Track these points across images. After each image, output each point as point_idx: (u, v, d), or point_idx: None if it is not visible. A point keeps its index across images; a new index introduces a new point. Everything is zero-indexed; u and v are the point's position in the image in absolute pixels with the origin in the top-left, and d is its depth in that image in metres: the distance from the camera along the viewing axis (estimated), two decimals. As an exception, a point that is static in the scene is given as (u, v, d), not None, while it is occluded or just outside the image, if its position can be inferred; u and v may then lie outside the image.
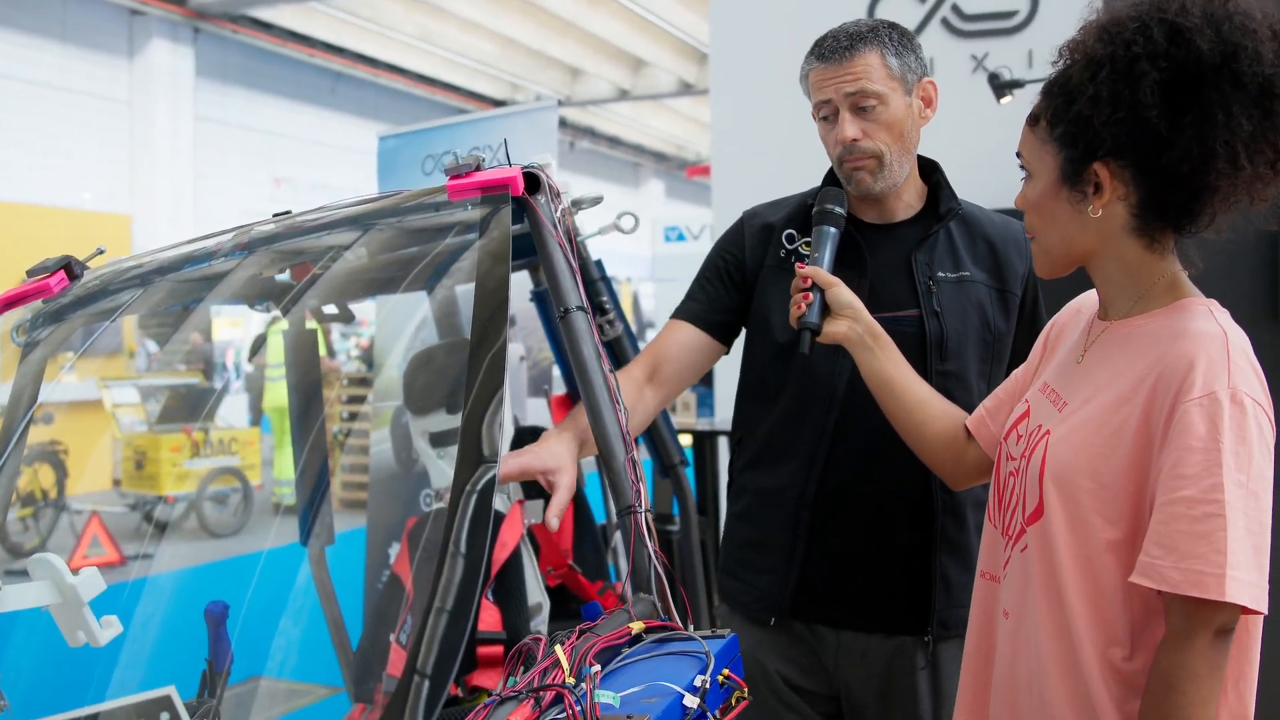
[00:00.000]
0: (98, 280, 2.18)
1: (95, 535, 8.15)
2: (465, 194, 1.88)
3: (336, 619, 2.97)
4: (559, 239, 1.92)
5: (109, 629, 2.01)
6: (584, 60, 24.00)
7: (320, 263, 2.31)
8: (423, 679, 1.44)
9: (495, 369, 1.63)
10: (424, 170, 4.48)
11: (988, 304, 2.26)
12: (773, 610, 2.33)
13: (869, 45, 2.20)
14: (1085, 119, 1.62)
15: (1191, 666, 1.50)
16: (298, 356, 2.80)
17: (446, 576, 1.50)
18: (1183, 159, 1.57)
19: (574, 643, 1.55)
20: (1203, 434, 1.52)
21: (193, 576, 6.66)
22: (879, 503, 2.26)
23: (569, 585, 2.88)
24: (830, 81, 2.20)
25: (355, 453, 9.78)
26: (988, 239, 2.30)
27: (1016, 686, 1.76)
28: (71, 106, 18.17)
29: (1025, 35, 6.20)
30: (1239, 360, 1.57)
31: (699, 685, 1.50)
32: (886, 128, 2.20)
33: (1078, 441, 1.67)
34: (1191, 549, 1.49)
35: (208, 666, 2.31)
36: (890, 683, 2.27)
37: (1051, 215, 1.73)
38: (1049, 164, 1.71)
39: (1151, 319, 1.68)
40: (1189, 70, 1.55)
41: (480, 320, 1.69)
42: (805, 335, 2.03)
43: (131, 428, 9.70)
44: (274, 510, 10.69)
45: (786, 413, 2.33)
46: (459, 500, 1.54)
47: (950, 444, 2.04)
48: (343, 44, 21.87)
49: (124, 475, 9.77)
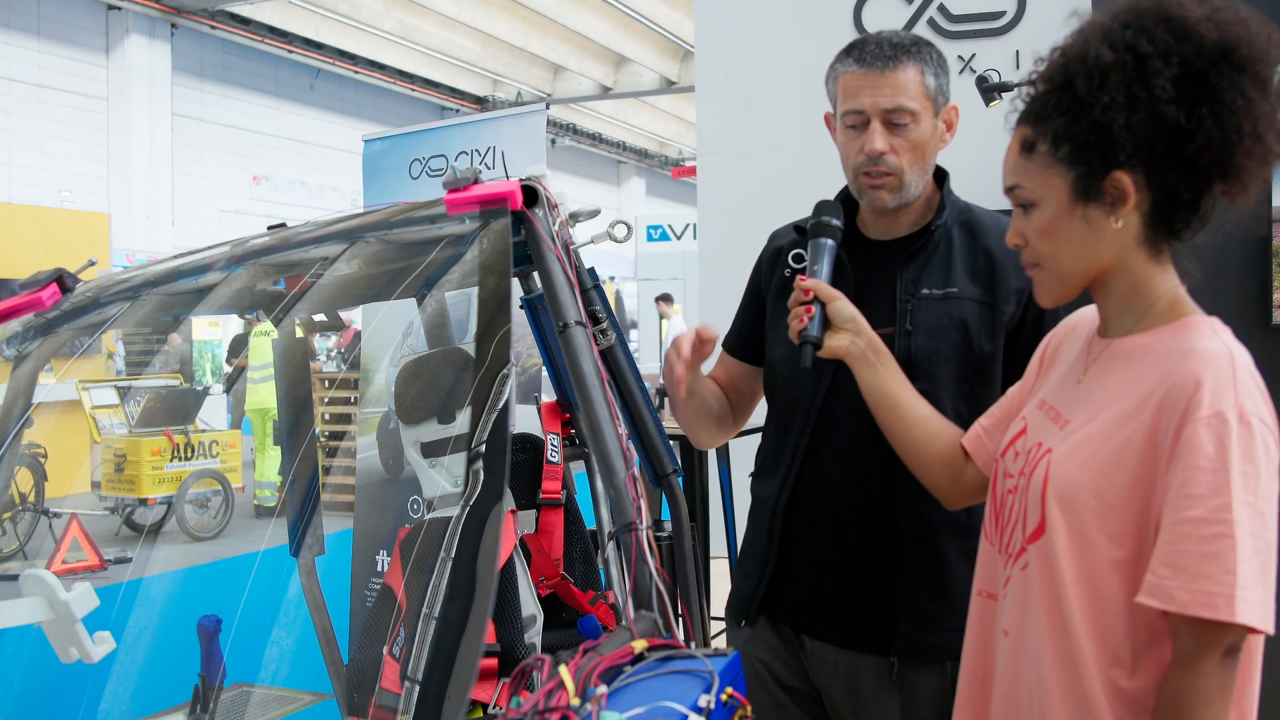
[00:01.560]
0: (90, 292, 2.16)
1: (75, 539, 8.09)
2: (463, 208, 1.87)
3: (327, 630, 2.95)
4: (557, 252, 1.91)
5: (102, 645, 2.00)
6: (566, 57, 24.00)
7: (311, 273, 2.30)
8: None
9: (495, 383, 1.62)
10: (411, 174, 4.45)
11: (973, 322, 2.21)
12: (744, 613, 2.38)
13: (912, 60, 2.16)
14: (1103, 127, 1.61)
15: (1202, 688, 1.50)
16: (289, 367, 2.78)
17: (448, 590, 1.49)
18: (1205, 148, 1.58)
19: (578, 663, 1.54)
20: (1210, 453, 1.52)
21: (175, 582, 6.63)
22: (844, 519, 2.26)
23: (560, 595, 2.86)
24: (868, 91, 2.16)
25: (340, 455, 9.74)
26: (988, 252, 2.25)
27: (1017, 706, 1.75)
28: (47, 103, 18.06)
29: (1013, 36, 6.21)
30: (1245, 379, 1.57)
31: (704, 705, 1.49)
32: (913, 147, 2.17)
33: (1081, 459, 1.67)
34: (1200, 569, 1.49)
35: (200, 682, 2.30)
36: (860, 701, 2.27)
37: (1066, 238, 1.71)
38: (1057, 185, 1.69)
39: (1155, 337, 1.68)
40: (1197, 62, 1.57)
41: (481, 334, 1.68)
42: (807, 349, 2.01)
43: (111, 430, 9.64)
44: (255, 513, 10.64)
45: (777, 427, 2.37)
46: (463, 515, 1.52)
47: (948, 463, 2.03)
48: (322, 40, 21.80)
49: (104, 478, 9.69)
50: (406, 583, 2.80)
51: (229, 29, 20.26)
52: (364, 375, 3.93)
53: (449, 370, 2.57)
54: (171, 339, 13.75)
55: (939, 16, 6.33)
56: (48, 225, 12.41)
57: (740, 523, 5.37)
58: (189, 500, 9.54)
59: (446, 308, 2.96)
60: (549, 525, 2.75)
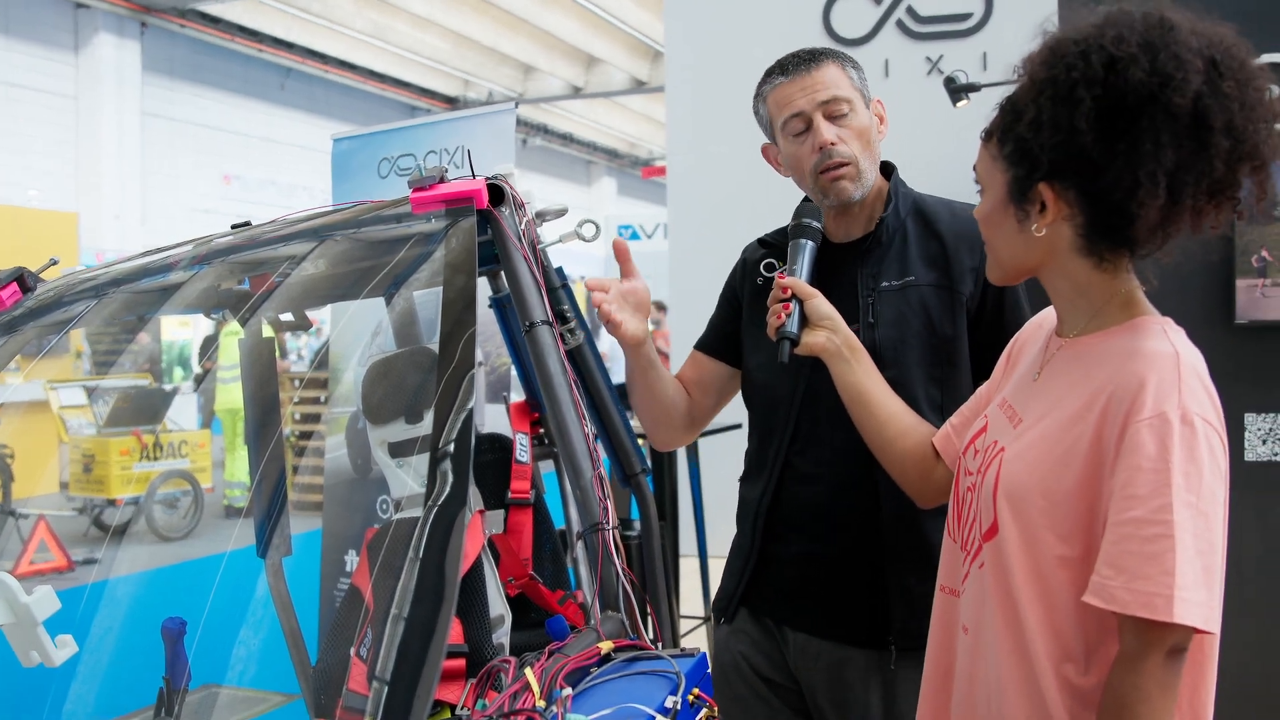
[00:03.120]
0: (51, 292, 2.14)
1: (43, 540, 8.02)
2: (429, 207, 1.86)
3: (295, 632, 2.93)
4: (524, 251, 1.90)
5: (64, 649, 1.98)
6: (537, 57, 23.96)
7: (278, 272, 2.28)
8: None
9: (462, 383, 1.61)
10: (380, 173, 4.42)
11: (934, 306, 2.25)
12: (724, 610, 2.42)
13: (830, 59, 2.26)
14: (1026, 140, 1.63)
15: (1143, 687, 1.51)
16: (255, 367, 2.76)
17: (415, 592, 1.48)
18: (1115, 186, 1.58)
19: (544, 664, 1.53)
20: (1152, 454, 1.52)
21: (144, 583, 6.58)
22: (825, 515, 2.29)
23: (529, 595, 2.85)
24: (800, 92, 2.23)
25: (309, 454, 9.69)
26: (940, 236, 2.30)
27: (975, 703, 1.76)
28: (15, 102, 17.91)
29: (980, 37, 6.25)
30: (1190, 380, 1.58)
31: (670, 706, 1.49)
32: (858, 135, 2.24)
33: (1031, 459, 1.68)
34: (1140, 569, 1.50)
35: (165, 684, 2.28)
36: (844, 693, 2.28)
37: (1000, 229, 1.75)
38: (998, 180, 1.72)
39: (1106, 337, 1.69)
40: (1124, 99, 1.55)
41: (447, 335, 1.67)
42: (784, 345, 2.05)
43: (79, 430, 9.56)
44: (225, 513, 10.57)
45: (759, 432, 2.41)
46: (429, 517, 1.52)
47: (919, 460, 2.04)
48: (293, 39, 21.70)
49: (72, 479, 9.60)
50: (374, 583, 2.79)
51: (199, 28, 20.14)
52: (333, 375, 3.91)
53: (416, 370, 2.56)
54: (140, 338, 13.64)
55: (907, 18, 6.37)
56: (15, 224, 12.27)
57: (711, 521, 5.39)
58: (158, 501, 9.47)
59: (415, 307, 2.94)
60: (518, 525, 2.74)
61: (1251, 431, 3.79)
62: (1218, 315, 3.81)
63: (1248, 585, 3.65)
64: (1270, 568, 3.87)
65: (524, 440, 2.76)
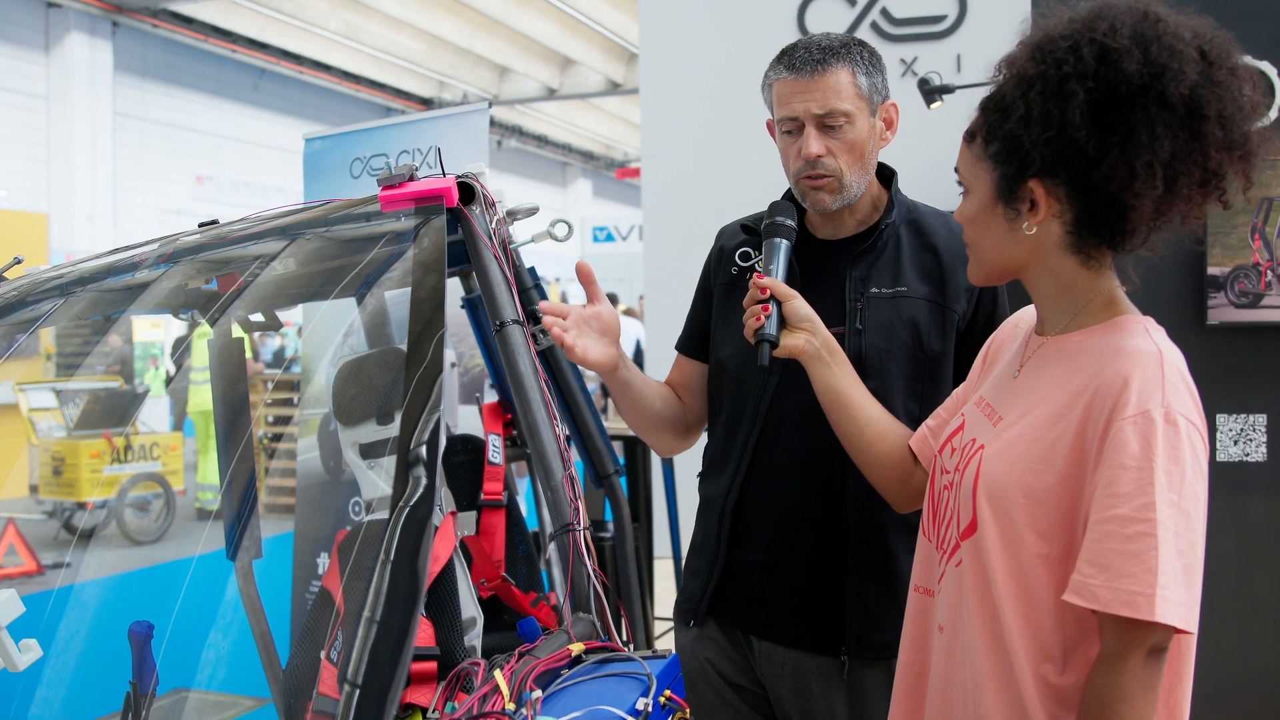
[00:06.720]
0: (15, 291, 2.11)
1: (11, 544, 7.95)
2: (398, 205, 1.85)
3: (265, 635, 2.91)
4: (494, 250, 1.89)
5: (28, 653, 1.95)
6: (512, 59, 23.92)
7: (248, 272, 2.26)
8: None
9: (430, 384, 1.59)
10: (352, 173, 4.38)
11: (923, 321, 2.23)
12: (692, 613, 2.39)
13: (841, 61, 2.18)
14: (1016, 137, 1.63)
15: (1125, 687, 1.50)
16: (224, 368, 2.73)
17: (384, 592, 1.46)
18: (1110, 178, 1.58)
19: (514, 666, 1.52)
20: (1136, 452, 1.52)
21: (114, 587, 6.52)
22: (791, 520, 2.27)
23: (502, 597, 2.84)
24: (799, 97, 2.18)
25: (280, 457, 9.63)
26: (935, 251, 2.28)
27: (952, 702, 1.76)
28: (-15, 102, 17.79)
29: (954, 40, 6.26)
30: (1173, 379, 1.58)
31: (641, 708, 1.48)
32: (850, 148, 2.19)
33: (1012, 457, 1.67)
34: (1123, 568, 1.49)
35: (132, 689, 2.25)
36: (808, 701, 2.27)
37: (986, 229, 1.74)
38: (984, 180, 1.71)
39: (1088, 335, 1.69)
40: (1116, 90, 1.56)
41: (415, 335, 1.66)
42: (763, 348, 2.01)
43: (49, 433, 9.47)
44: (197, 516, 10.49)
45: (725, 426, 2.37)
46: (398, 519, 1.50)
47: (897, 465, 2.03)
48: (266, 40, 21.60)
49: (41, 481, 9.51)
50: (344, 586, 2.77)
51: (172, 28, 20.01)
52: (304, 375, 3.87)
53: (386, 371, 2.54)
54: (110, 339, 13.54)
55: (881, 20, 6.38)
56: (-15, 226, 12.20)
57: (685, 522, 5.38)
58: (129, 503, 9.39)
59: (386, 306, 2.92)
60: (490, 526, 2.72)
61: (1223, 432, 3.81)
62: (1189, 315, 3.82)
63: (1220, 585, 3.67)
64: (1241, 568, 3.89)
65: (496, 442, 2.74)
